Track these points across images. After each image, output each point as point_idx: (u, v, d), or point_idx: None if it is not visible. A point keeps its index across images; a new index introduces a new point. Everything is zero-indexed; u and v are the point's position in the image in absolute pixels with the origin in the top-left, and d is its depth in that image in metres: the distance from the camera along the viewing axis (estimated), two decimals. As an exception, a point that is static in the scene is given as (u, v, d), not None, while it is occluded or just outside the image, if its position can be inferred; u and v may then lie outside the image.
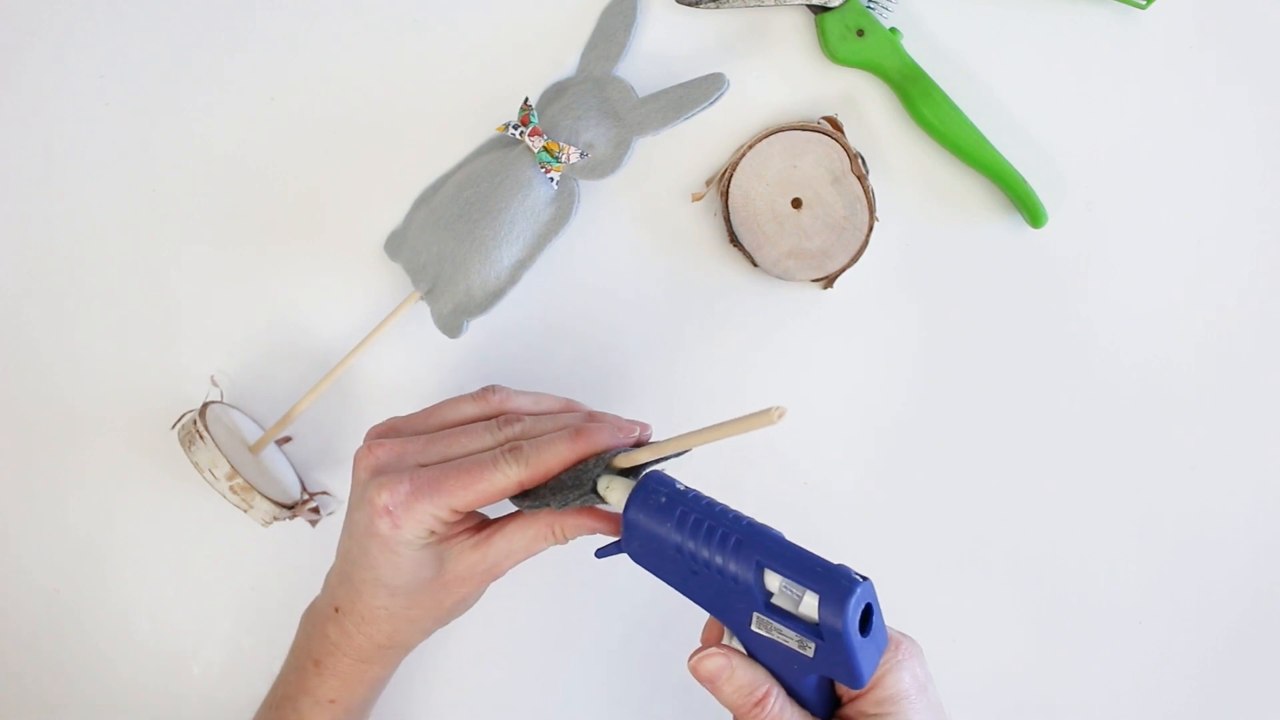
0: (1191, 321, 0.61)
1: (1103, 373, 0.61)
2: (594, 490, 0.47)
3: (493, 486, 0.48)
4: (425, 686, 0.63)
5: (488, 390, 0.54)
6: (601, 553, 0.47)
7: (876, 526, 0.62)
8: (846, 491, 0.62)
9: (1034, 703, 0.62)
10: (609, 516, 0.50)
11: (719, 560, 0.42)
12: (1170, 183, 0.61)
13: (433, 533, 0.49)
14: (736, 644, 0.44)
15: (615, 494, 0.45)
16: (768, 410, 0.38)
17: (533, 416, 0.52)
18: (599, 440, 0.48)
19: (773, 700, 0.43)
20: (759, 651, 0.43)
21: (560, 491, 0.47)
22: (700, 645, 0.45)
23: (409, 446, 0.50)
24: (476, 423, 0.52)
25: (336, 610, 0.52)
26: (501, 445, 0.50)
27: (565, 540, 0.50)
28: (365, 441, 0.52)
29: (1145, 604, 0.62)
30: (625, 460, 0.47)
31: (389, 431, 0.52)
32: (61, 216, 0.62)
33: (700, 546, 0.42)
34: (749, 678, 0.43)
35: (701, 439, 0.43)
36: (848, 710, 0.44)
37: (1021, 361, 0.61)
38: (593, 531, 0.50)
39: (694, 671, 0.44)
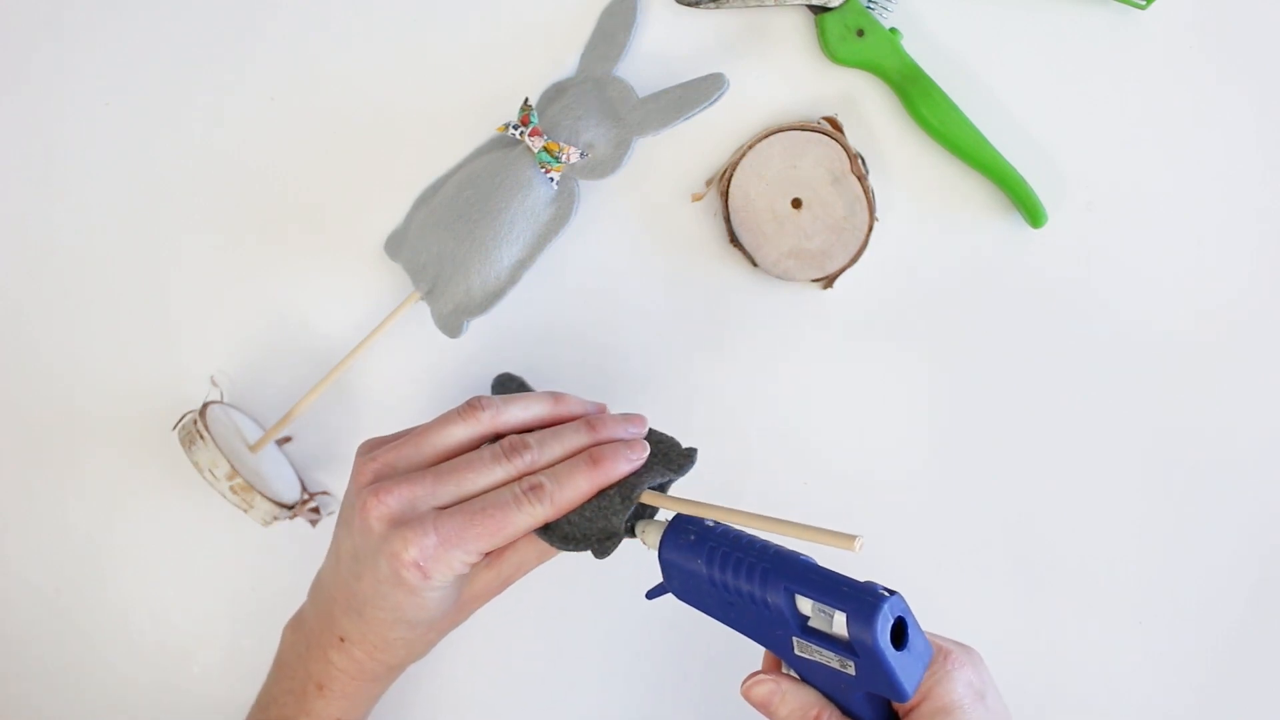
0: (1191, 321, 0.61)
1: (1103, 373, 0.61)
2: (630, 532, 0.48)
3: (518, 529, 0.48)
4: (427, 690, 0.63)
5: (474, 406, 0.51)
6: (651, 594, 0.48)
7: (875, 526, 0.62)
8: (846, 491, 0.62)
9: (1033, 703, 0.62)
10: None
11: (751, 590, 0.43)
12: (1170, 183, 0.61)
13: (459, 575, 0.49)
14: (792, 671, 0.45)
15: (651, 537, 0.47)
16: (851, 536, 0.40)
17: (536, 437, 0.51)
18: (616, 469, 0.49)
19: None
20: (808, 674, 0.44)
21: (592, 536, 0.48)
22: (756, 671, 0.46)
23: (418, 489, 0.49)
24: (480, 450, 0.50)
25: (342, 640, 0.52)
26: (515, 480, 0.49)
27: None
28: (361, 478, 0.50)
29: (1145, 604, 0.62)
30: (651, 499, 0.48)
31: (385, 469, 0.50)
32: (62, 216, 0.62)
33: (732, 579, 0.43)
34: (800, 701, 0.44)
35: (758, 524, 0.44)
36: None
37: (1021, 361, 0.61)
38: None
39: (746, 697, 0.45)
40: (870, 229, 0.58)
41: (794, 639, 0.42)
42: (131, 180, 0.62)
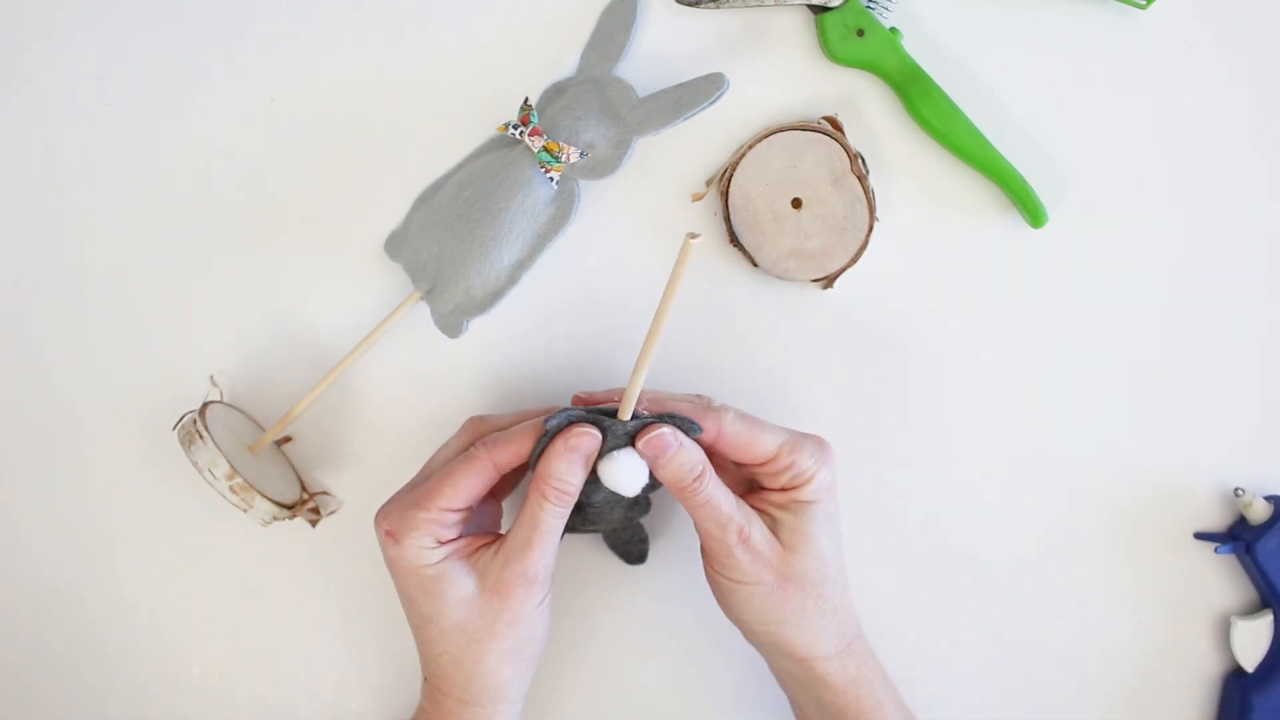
0: (1192, 322, 0.61)
1: (1103, 373, 0.61)
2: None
3: (467, 470, 0.50)
4: None
5: (470, 421, 0.54)
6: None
7: (874, 527, 0.62)
8: (845, 492, 0.62)
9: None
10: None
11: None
12: (1171, 183, 0.61)
13: (439, 542, 0.50)
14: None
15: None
16: (685, 243, 0.44)
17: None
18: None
19: (709, 475, 0.49)
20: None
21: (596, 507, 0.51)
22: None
23: (404, 489, 0.53)
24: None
25: (425, 680, 0.53)
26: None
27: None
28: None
29: (1145, 603, 0.62)
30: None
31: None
32: (61, 217, 0.62)
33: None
34: (690, 456, 0.49)
35: (659, 326, 0.46)
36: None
37: (1021, 362, 0.61)
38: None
39: (645, 448, 0.48)
40: (870, 229, 0.58)
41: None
42: (131, 180, 0.62)
